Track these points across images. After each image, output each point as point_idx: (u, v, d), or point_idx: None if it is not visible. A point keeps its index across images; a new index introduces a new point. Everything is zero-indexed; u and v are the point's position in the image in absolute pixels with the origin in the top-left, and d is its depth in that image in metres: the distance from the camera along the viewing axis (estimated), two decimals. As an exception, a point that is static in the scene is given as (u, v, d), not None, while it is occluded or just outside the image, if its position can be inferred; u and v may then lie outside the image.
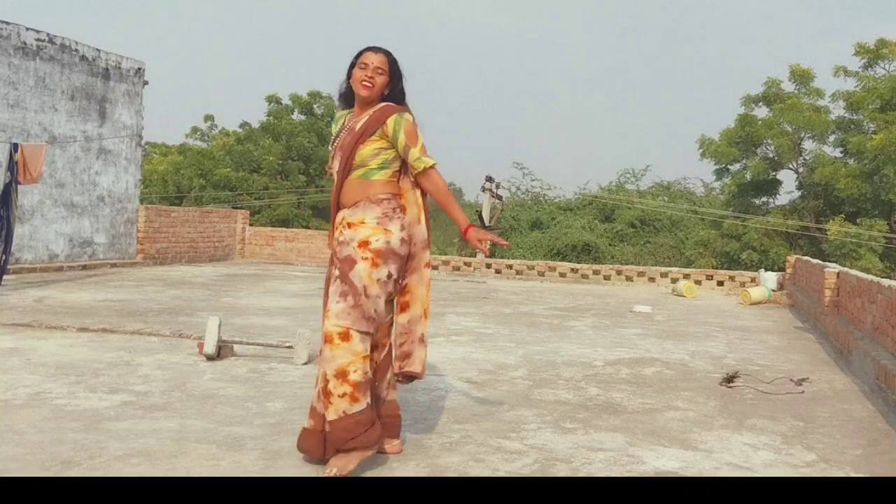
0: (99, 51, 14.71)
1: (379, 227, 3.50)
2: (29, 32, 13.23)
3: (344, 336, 3.38)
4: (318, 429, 3.50)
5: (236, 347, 6.06)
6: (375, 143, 3.57)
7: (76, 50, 14.16)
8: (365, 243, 3.47)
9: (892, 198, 21.38)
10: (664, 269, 15.48)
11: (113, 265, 14.63)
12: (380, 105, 3.63)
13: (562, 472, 3.55)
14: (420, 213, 3.70)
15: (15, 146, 10.16)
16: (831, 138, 24.12)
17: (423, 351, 3.74)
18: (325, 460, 3.43)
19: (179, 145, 35.69)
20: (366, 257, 3.45)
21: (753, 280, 14.33)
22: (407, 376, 3.74)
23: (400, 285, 3.66)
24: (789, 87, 24.78)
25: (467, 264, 16.59)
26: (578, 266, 15.92)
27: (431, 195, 3.68)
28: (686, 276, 14.85)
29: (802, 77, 24.45)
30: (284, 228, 21.37)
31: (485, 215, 23.75)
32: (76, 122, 14.20)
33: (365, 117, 3.61)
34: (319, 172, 30.08)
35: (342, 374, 3.36)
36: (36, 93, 13.33)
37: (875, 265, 20.78)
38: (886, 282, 6.32)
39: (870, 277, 7.03)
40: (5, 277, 9.98)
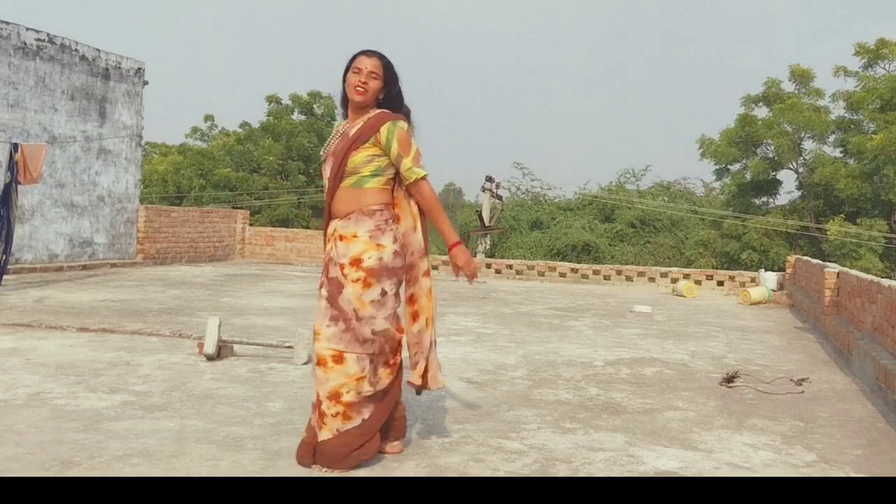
0: (99, 51, 14.72)
1: (371, 242, 3.45)
2: (29, 32, 13.23)
3: (337, 359, 3.39)
4: (310, 441, 3.50)
5: (236, 347, 6.06)
6: (368, 150, 3.51)
7: (76, 50, 14.16)
8: (357, 261, 3.43)
9: (892, 198, 21.37)
10: (664, 269, 15.48)
11: (113, 265, 14.63)
12: (375, 112, 3.56)
13: (562, 472, 3.55)
14: (416, 223, 3.65)
15: (15, 146, 10.16)
16: (831, 138, 24.11)
17: (436, 364, 3.73)
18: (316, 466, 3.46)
19: (179, 145, 35.68)
20: (357, 278, 3.41)
21: (753, 280, 14.33)
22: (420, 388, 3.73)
23: (406, 295, 3.65)
24: (789, 87, 24.77)
25: (467, 264, 16.57)
26: (578, 266, 15.92)
27: (421, 207, 3.63)
28: (686, 276, 14.85)
29: (802, 77, 24.44)
30: (284, 228, 21.37)
31: (485, 215, 23.75)
32: (76, 122, 14.20)
33: (359, 123, 3.55)
34: (319, 172, 30.03)
35: (335, 396, 3.39)
36: (36, 93, 13.33)
37: (875, 265, 20.77)
38: (886, 282, 6.32)
39: (870, 277, 7.03)
40: (5, 277, 9.98)
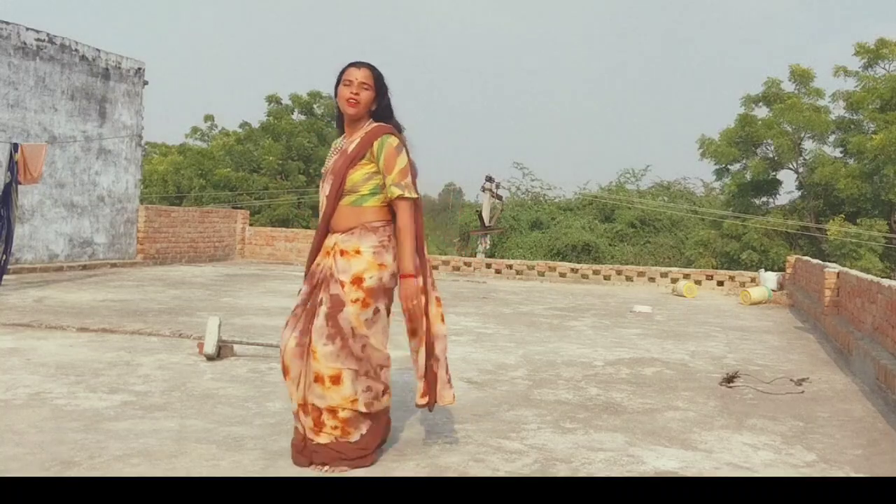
0: (99, 51, 14.72)
1: (374, 261, 3.44)
2: (29, 32, 13.23)
3: (335, 379, 3.39)
4: (300, 443, 3.51)
5: (236, 347, 6.06)
6: (366, 168, 3.50)
7: (76, 50, 14.16)
8: (358, 280, 3.41)
9: (892, 198, 21.37)
10: (664, 269, 15.49)
11: (113, 265, 14.63)
12: (370, 126, 3.56)
13: (562, 472, 3.55)
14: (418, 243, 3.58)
15: (15, 146, 10.16)
16: (831, 138, 24.10)
17: (444, 379, 3.69)
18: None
19: (179, 145, 35.67)
20: (356, 298, 3.40)
21: (753, 280, 14.33)
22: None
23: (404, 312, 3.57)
24: (789, 87, 24.76)
25: (467, 264, 16.60)
26: (578, 266, 15.93)
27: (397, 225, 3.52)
28: (686, 276, 14.86)
29: (802, 77, 24.43)
30: (284, 228, 21.37)
31: (485, 215, 23.76)
32: (76, 122, 14.20)
33: (356, 139, 3.55)
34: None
35: (332, 412, 3.41)
36: (36, 93, 13.33)
37: (875, 265, 20.76)
38: (886, 282, 6.32)
39: (870, 277, 7.04)
40: (5, 277, 9.98)
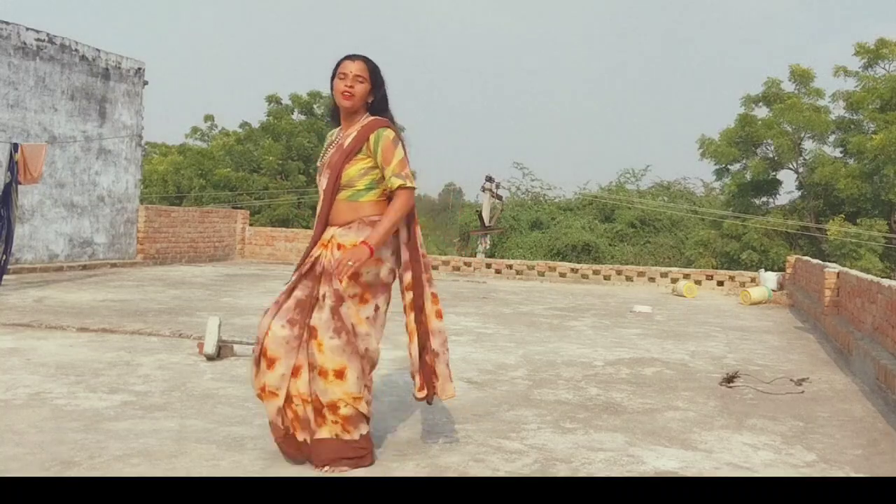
0: (99, 51, 14.72)
1: (372, 256, 3.43)
2: (29, 32, 13.23)
3: (339, 374, 3.38)
4: (282, 437, 3.47)
5: (236, 347, 6.06)
6: (362, 163, 3.49)
7: (76, 50, 14.16)
8: (356, 275, 3.40)
9: (892, 198, 21.37)
10: (664, 269, 15.49)
11: (113, 265, 14.63)
12: (366, 120, 3.55)
13: (562, 472, 3.55)
14: (406, 234, 3.58)
15: (15, 146, 10.17)
16: (831, 138, 24.10)
17: (445, 374, 3.69)
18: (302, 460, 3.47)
19: (179, 145, 35.65)
20: (354, 294, 3.40)
21: (753, 280, 14.33)
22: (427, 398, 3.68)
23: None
24: (789, 87, 24.76)
25: (467, 264, 16.60)
26: (578, 266, 15.93)
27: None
28: (686, 276, 14.86)
29: (802, 77, 24.43)
30: (284, 228, 21.36)
31: (485, 215, 23.76)
32: (76, 122, 14.20)
33: (353, 133, 3.53)
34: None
35: (333, 407, 3.40)
36: (36, 93, 13.33)
37: (875, 265, 20.76)
38: (886, 282, 6.32)
39: (870, 277, 7.04)
40: (5, 277, 9.98)
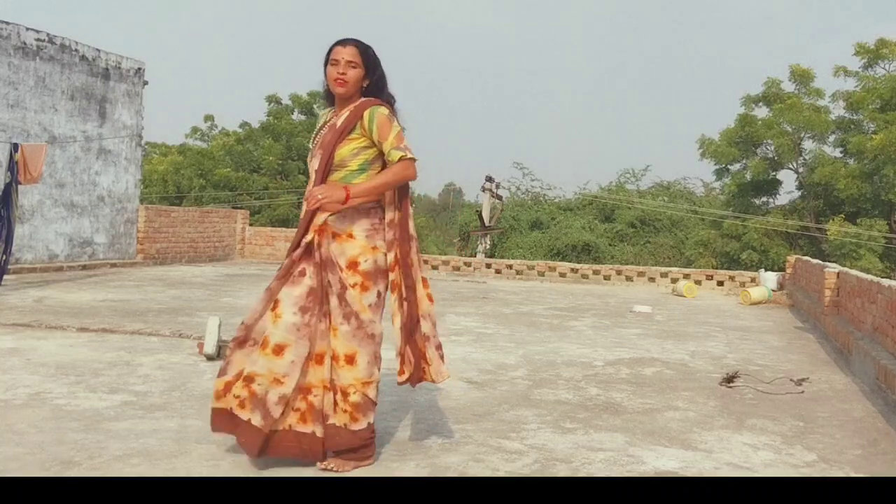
0: (99, 51, 14.72)
1: (368, 244, 3.42)
2: (29, 32, 13.23)
3: (350, 359, 3.37)
4: (265, 431, 3.33)
5: (236, 347, 6.06)
6: (355, 143, 3.47)
7: (76, 50, 14.16)
8: (354, 264, 3.39)
9: (892, 198, 21.36)
10: (664, 269, 15.49)
11: (113, 265, 14.63)
12: (359, 100, 3.53)
13: (562, 472, 3.55)
14: (395, 215, 3.54)
15: (15, 146, 10.17)
16: (831, 138, 24.09)
17: (434, 361, 3.58)
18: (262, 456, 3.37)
19: (179, 145, 35.62)
20: (355, 283, 3.39)
21: (753, 280, 14.33)
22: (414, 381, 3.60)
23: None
24: (789, 87, 24.75)
25: (467, 264, 16.60)
26: (578, 266, 15.93)
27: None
28: (686, 276, 14.85)
29: (802, 77, 24.43)
30: (284, 228, 21.33)
31: (485, 215, 23.77)
32: (76, 122, 14.20)
33: (345, 113, 3.51)
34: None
35: (344, 393, 3.39)
36: (36, 93, 13.33)
37: (875, 265, 20.76)
38: (886, 282, 6.32)
39: (870, 277, 7.03)
40: (5, 277, 9.98)
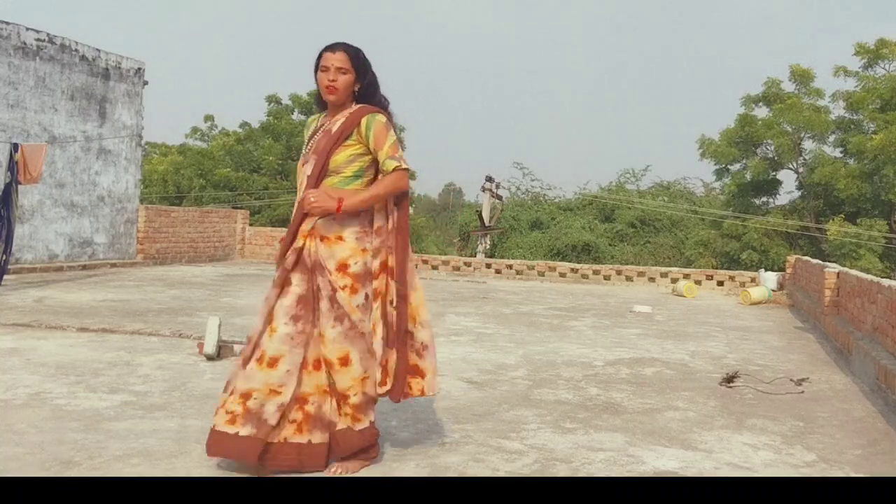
0: (99, 51, 14.71)
1: (357, 246, 3.40)
2: (29, 32, 13.23)
3: (343, 361, 3.36)
4: (260, 437, 3.28)
5: (236, 347, 6.05)
6: (351, 149, 3.43)
7: (76, 50, 14.16)
8: (343, 266, 3.37)
9: (892, 198, 21.36)
10: (664, 269, 15.49)
11: (113, 265, 14.63)
12: (355, 107, 3.48)
13: (562, 472, 3.55)
14: (394, 225, 3.49)
15: (15, 146, 10.17)
16: (831, 138, 24.08)
17: (429, 373, 3.54)
18: (262, 465, 3.30)
19: (179, 145, 35.61)
20: (345, 285, 3.36)
21: (753, 280, 14.33)
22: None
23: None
24: (789, 87, 24.75)
25: (467, 264, 16.60)
26: (578, 266, 15.92)
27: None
28: (686, 276, 14.85)
29: (802, 77, 24.42)
30: (284, 228, 21.32)
31: (485, 215, 23.77)
32: (76, 122, 14.20)
33: (341, 119, 3.46)
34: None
35: (344, 397, 3.39)
36: (36, 93, 13.33)
37: (875, 265, 20.75)
38: (886, 282, 6.32)
39: (870, 277, 7.04)
40: (5, 277, 9.98)
